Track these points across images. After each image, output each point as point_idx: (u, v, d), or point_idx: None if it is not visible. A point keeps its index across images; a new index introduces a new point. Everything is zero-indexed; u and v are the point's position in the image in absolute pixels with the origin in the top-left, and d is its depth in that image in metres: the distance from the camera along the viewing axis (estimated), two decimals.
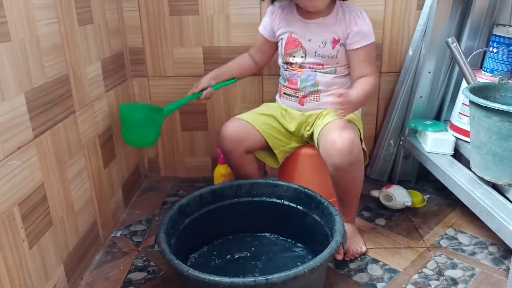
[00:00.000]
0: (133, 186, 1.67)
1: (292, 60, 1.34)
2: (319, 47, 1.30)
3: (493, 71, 1.37)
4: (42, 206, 0.99)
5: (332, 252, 0.96)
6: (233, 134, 1.29)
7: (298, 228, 1.26)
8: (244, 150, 1.31)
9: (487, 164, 1.13)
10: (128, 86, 1.63)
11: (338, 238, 1.01)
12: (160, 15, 1.60)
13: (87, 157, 1.24)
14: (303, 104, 1.35)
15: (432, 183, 1.69)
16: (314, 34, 1.30)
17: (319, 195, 1.19)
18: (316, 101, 1.34)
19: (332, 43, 1.29)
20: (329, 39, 1.29)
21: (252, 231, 1.33)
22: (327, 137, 1.19)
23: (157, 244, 1.00)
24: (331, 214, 1.12)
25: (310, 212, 1.21)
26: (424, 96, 1.55)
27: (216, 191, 1.26)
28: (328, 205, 1.15)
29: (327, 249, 0.96)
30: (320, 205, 1.17)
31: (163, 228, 1.06)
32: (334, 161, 1.16)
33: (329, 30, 1.29)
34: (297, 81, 1.34)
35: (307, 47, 1.31)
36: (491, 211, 1.07)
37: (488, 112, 1.07)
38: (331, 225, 1.10)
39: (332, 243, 0.99)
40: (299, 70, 1.34)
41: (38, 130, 0.97)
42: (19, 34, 0.91)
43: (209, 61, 1.64)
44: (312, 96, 1.34)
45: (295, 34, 1.32)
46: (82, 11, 1.22)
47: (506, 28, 1.34)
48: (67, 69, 1.12)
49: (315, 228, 1.19)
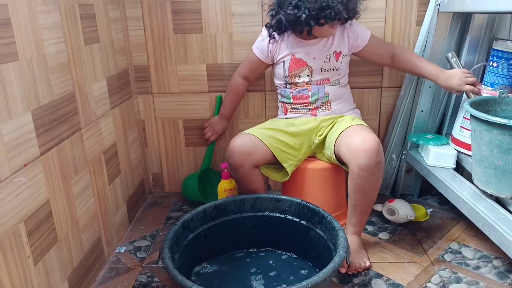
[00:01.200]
0: (137, 202, 1.69)
1: (298, 80, 1.37)
2: (324, 62, 1.35)
3: (494, 85, 1.38)
4: (47, 222, 1.00)
5: (335, 267, 0.96)
6: (241, 148, 1.31)
7: (302, 243, 1.26)
8: (252, 165, 1.33)
9: (489, 178, 1.13)
10: (133, 103, 1.66)
11: (341, 252, 1.01)
12: (165, 33, 1.63)
13: (92, 174, 1.25)
14: (316, 115, 1.41)
15: (435, 196, 1.69)
16: (318, 52, 1.35)
17: (322, 210, 1.19)
18: (328, 110, 1.40)
19: (335, 56, 1.35)
20: (332, 53, 1.36)
21: (256, 246, 1.33)
22: (353, 138, 1.22)
23: (161, 260, 1.01)
24: (334, 229, 1.12)
25: (313, 227, 1.22)
26: (425, 110, 1.56)
27: (219, 206, 1.26)
28: (332, 219, 1.15)
29: (330, 264, 0.96)
30: (323, 219, 1.18)
31: (167, 244, 1.06)
32: (361, 160, 1.17)
33: (331, 46, 1.36)
34: (308, 95, 1.39)
35: (313, 65, 1.35)
36: (494, 225, 1.07)
37: (489, 126, 1.08)
38: (334, 239, 1.10)
39: (336, 258, 0.99)
40: (306, 86, 1.38)
41: (44, 147, 0.99)
42: (27, 53, 0.93)
43: (212, 78, 1.67)
44: (324, 106, 1.40)
45: (299, 54, 1.36)
46: (88, 31, 1.25)
47: (505, 43, 1.35)
48: (73, 87, 1.14)
49: (319, 242, 1.19)
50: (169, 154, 1.80)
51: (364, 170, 1.18)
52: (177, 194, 1.83)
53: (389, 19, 1.58)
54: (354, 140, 1.21)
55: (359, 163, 1.18)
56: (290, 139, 1.37)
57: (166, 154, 1.80)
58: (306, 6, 1.22)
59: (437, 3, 1.43)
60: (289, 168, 1.36)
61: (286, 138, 1.37)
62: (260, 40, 1.44)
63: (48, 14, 1.03)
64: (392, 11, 1.57)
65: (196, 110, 1.72)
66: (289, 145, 1.37)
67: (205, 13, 1.60)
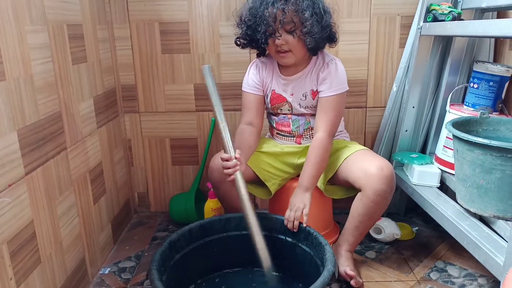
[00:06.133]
0: (122, 222, 1.66)
1: (280, 112, 1.38)
2: (301, 99, 1.33)
3: (475, 106, 1.42)
4: (31, 243, 0.98)
5: (325, 281, 0.96)
6: (220, 166, 1.30)
7: (288, 260, 1.25)
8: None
9: (472, 197, 1.15)
10: (119, 122, 1.65)
11: (330, 267, 1.02)
12: (153, 53, 1.64)
13: (77, 193, 1.24)
14: (301, 143, 1.39)
15: (420, 215, 1.70)
16: (294, 89, 1.33)
17: (308, 226, 1.20)
18: (312, 137, 1.36)
19: (312, 95, 1.32)
20: (308, 92, 1.32)
21: (243, 265, 1.32)
22: (367, 163, 1.21)
23: (150, 282, 1.00)
24: (320, 244, 1.13)
25: (299, 243, 1.22)
26: (409, 130, 1.59)
27: (205, 226, 1.26)
28: (318, 235, 1.16)
29: (320, 279, 0.97)
30: (309, 235, 1.18)
31: (155, 265, 1.05)
32: (379, 186, 1.18)
33: (307, 83, 1.32)
34: (289, 123, 1.38)
35: (291, 101, 1.35)
36: (478, 243, 1.09)
37: (471, 145, 1.10)
38: (321, 254, 1.11)
39: (325, 272, 1.00)
40: (288, 114, 1.38)
41: (29, 167, 0.98)
42: (14, 73, 0.93)
43: (200, 97, 1.68)
44: (307, 134, 1.38)
45: (278, 90, 1.35)
46: (76, 50, 1.25)
47: (485, 65, 1.40)
48: (60, 106, 1.14)
49: (305, 258, 1.20)
50: (155, 173, 1.79)
51: (381, 195, 1.19)
52: (163, 213, 1.81)
53: (373, 41, 1.62)
54: (370, 166, 1.20)
55: (376, 189, 1.18)
56: (272, 159, 1.38)
57: (152, 173, 1.79)
58: (245, 20, 1.24)
59: (419, 26, 1.47)
60: (272, 187, 1.36)
61: (268, 158, 1.37)
62: (249, 77, 1.37)
63: (36, 34, 1.03)
64: (375, 33, 1.61)
65: (184, 129, 1.72)
66: (271, 165, 1.37)
67: (193, 34, 1.62)
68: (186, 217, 1.65)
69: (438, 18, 1.40)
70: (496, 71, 1.37)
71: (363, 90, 1.67)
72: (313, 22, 1.17)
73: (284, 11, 1.17)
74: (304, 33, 1.19)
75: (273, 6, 1.18)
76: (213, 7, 1.59)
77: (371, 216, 1.24)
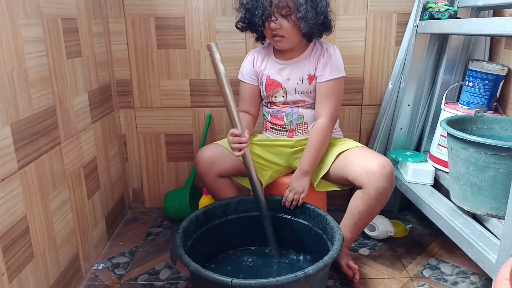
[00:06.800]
0: (117, 217, 1.66)
1: (275, 100, 1.37)
2: (297, 84, 1.33)
3: (470, 104, 1.43)
4: (24, 238, 0.98)
5: (340, 243, 1.09)
6: (206, 157, 1.32)
7: (288, 235, 1.32)
8: (217, 174, 1.32)
9: (466, 195, 1.16)
10: (114, 117, 1.65)
11: (339, 230, 1.14)
12: (148, 48, 1.63)
13: (71, 189, 1.23)
14: (293, 137, 1.39)
15: (414, 212, 1.71)
16: (291, 73, 1.34)
17: (304, 201, 1.27)
18: (304, 133, 1.37)
19: (309, 79, 1.33)
20: (305, 76, 1.33)
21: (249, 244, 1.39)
22: (368, 160, 1.21)
23: (185, 264, 1.01)
24: (320, 215, 1.22)
25: (296, 218, 1.29)
26: (404, 128, 1.59)
27: (207, 212, 1.30)
28: (315, 208, 1.23)
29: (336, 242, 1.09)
30: (306, 210, 1.26)
31: (180, 247, 1.08)
32: (380, 184, 1.18)
33: (304, 67, 1.33)
34: (282, 116, 1.38)
35: (287, 86, 1.34)
36: (470, 241, 1.09)
37: (465, 144, 1.11)
38: (322, 224, 1.19)
39: (336, 242, 1.09)
40: (282, 107, 1.38)
41: (22, 162, 0.97)
42: (8, 66, 0.92)
43: (195, 93, 1.68)
44: (300, 128, 1.37)
45: (273, 76, 1.35)
46: (71, 45, 1.24)
47: (481, 63, 1.40)
48: (54, 100, 1.13)
49: (303, 230, 1.28)
50: (150, 169, 1.78)
51: (382, 193, 1.19)
52: (157, 209, 1.81)
53: (369, 39, 1.62)
54: (371, 163, 1.20)
55: (378, 187, 1.18)
56: (264, 151, 1.38)
57: (147, 169, 1.78)
58: (244, 4, 1.28)
59: (415, 24, 1.47)
60: (263, 178, 1.36)
61: (258, 150, 1.38)
62: (244, 66, 1.41)
63: (30, 27, 1.02)
64: (372, 31, 1.61)
65: (179, 124, 1.72)
66: (261, 157, 1.37)
67: (189, 29, 1.61)
68: (180, 213, 1.65)
69: (435, 16, 1.40)
70: (491, 69, 1.38)
71: (359, 88, 1.67)
72: (307, 7, 1.21)
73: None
74: (298, 18, 1.22)
75: None
76: (210, 2, 1.58)
77: (370, 213, 1.25)
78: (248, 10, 1.27)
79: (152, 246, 1.53)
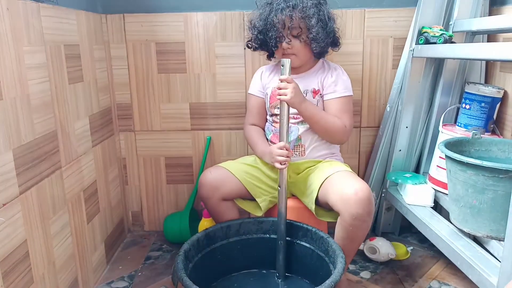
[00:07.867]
0: (116, 241, 1.65)
1: (277, 112, 1.38)
2: None
3: (467, 126, 1.44)
4: (24, 263, 0.97)
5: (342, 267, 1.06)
6: (210, 181, 1.31)
7: (290, 257, 1.30)
8: (220, 197, 1.32)
9: (466, 217, 1.16)
10: (114, 141, 1.66)
11: (341, 254, 1.12)
12: (149, 72, 1.66)
13: (71, 213, 1.23)
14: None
15: (415, 234, 1.71)
16: None
17: (305, 224, 1.25)
18: (301, 155, 1.37)
19: (313, 93, 1.36)
20: (310, 89, 1.36)
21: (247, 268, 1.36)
22: (344, 186, 1.19)
23: (186, 287, 1.00)
24: (322, 238, 1.20)
25: (298, 240, 1.28)
26: (403, 150, 1.61)
27: (209, 234, 1.28)
28: (317, 230, 1.22)
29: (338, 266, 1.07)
30: (307, 232, 1.25)
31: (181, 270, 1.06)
32: (354, 210, 1.15)
33: (311, 82, 1.37)
34: None
35: None
36: (471, 263, 1.09)
37: (463, 166, 1.11)
38: (324, 246, 1.17)
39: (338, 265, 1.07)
40: None
41: (24, 186, 0.98)
42: (11, 93, 0.94)
43: (195, 116, 1.69)
44: (297, 150, 1.38)
45: None
46: (73, 70, 1.26)
47: (476, 86, 1.42)
48: (55, 125, 1.14)
49: (305, 253, 1.26)
50: (149, 192, 1.78)
51: (358, 219, 1.16)
52: (157, 233, 1.80)
53: (366, 62, 1.65)
54: (346, 189, 1.18)
55: (352, 213, 1.16)
56: (262, 175, 1.38)
57: (147, 192, 1.78)
58: (256, 25, 1.34)
59: (411, 48, 1.50)
60: (262, 203, 1.36)
61: (259, 173, 1.38)
62: (254, 79, 1.47)
63: (33, 54, 1.04)
64: (369, 55, 1.64)
65: (179, 147, 1.73)
66: (262, 181, 1.37)
67: (189, 54, 1.64)
68: (180, 237, 1.64)
69: (430, 40, 1.43)
70: (487, 92, 1.39)
71: (357, 110, 1.69)
72: (318, 28, 1.27)
73: (292, 17, 1.27)
74: (310, 39, 1.28)
75: (282, 13, 1.28)
76: (209, 27, 1.61)
77: (352, 239, 1.22)
78: (260, 31, 1.33)
79: (151, 270, 1.51)
